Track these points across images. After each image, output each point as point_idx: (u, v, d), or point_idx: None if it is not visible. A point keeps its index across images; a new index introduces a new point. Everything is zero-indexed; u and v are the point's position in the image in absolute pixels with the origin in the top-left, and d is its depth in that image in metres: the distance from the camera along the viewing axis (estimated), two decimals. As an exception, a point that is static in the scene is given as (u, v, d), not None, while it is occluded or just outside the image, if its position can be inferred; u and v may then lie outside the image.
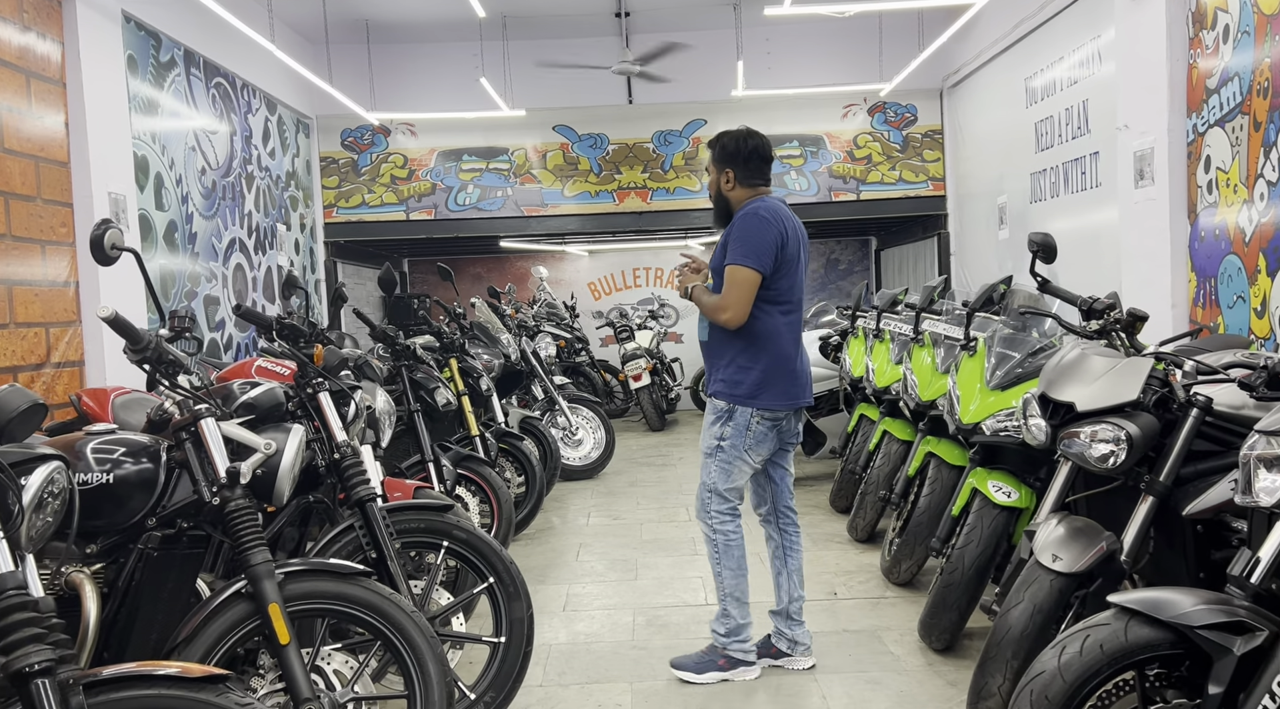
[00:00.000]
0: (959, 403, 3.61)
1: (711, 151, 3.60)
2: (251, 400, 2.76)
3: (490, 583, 3.12)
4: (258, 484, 2.56)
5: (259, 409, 2.76)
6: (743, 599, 3.62)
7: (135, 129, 5.65)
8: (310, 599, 2.49)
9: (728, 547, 3.64)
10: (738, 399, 3.51)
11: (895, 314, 5.50)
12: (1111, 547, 2.63)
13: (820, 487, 6.75)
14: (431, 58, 9.08)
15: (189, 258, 6.30)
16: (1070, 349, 2.83)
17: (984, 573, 3.39)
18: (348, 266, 9.74)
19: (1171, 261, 5.12)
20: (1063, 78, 6.59)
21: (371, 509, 3.02)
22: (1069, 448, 2.71)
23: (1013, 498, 3.41)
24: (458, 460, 4.84)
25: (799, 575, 3.73)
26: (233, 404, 2.80)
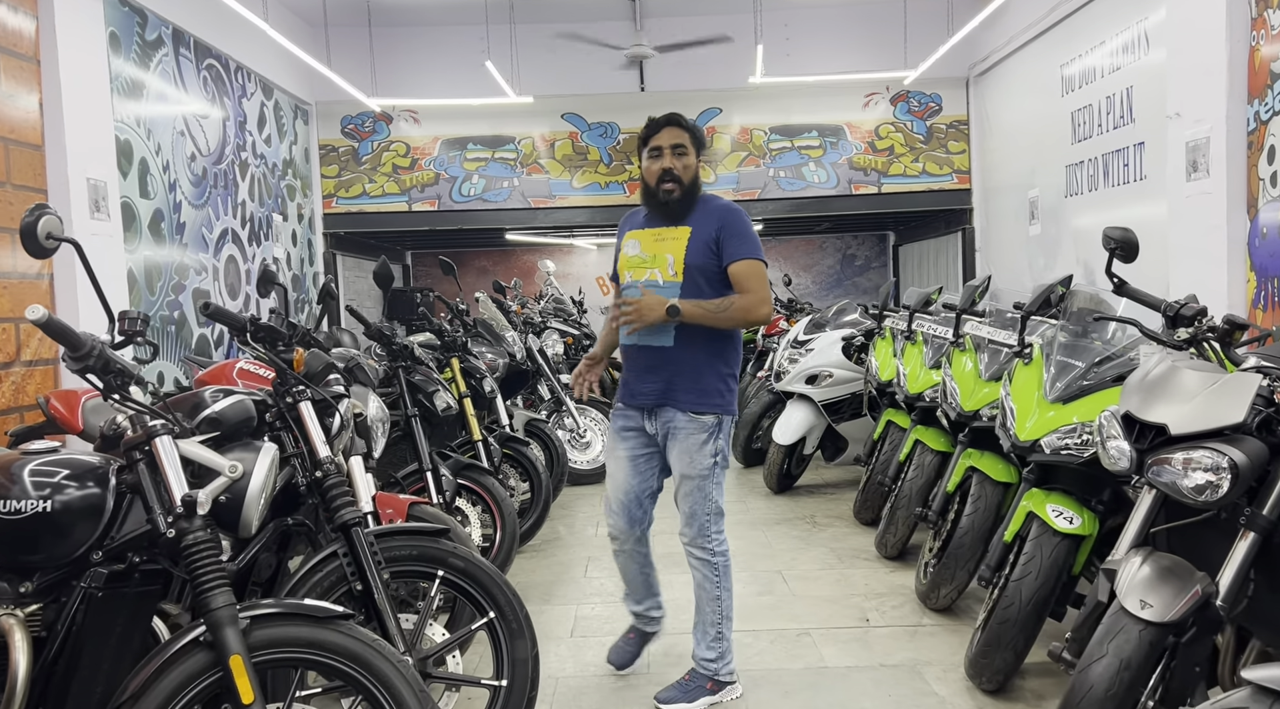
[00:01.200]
0: (1014, 417, 3.24)
1: (690, 134, 3.23)
2: (216, 415, 2.40)
3: (491, 618, 2.77)
4: (222, 512, 2.22)
5: (225, 424, 2.40)
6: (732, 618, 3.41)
7: (118, 112, 5.30)
8: (281, 647, 2.14)
9: (728, 566, 3.40)
10: (727, 410, 3.29)
11: (929, 314, 5.14)
12: (1207, 590, 2.27)
13: (842, 495, 6.40)
14: (436, 42, 8.72)
15: (177, 249, 5.95)
16: (1157, 362, 2.47)
17: (1043, 607, 3.03)
18: (348, 259, 9.39)
19: (1228, 260, 4.74)
20: (1103, 64, 6.21)
21: (357, 535, 2.68)
22: (1158, 477, 2.35)
23: (1075, 524, 3.05)
24: (458, 469, 4.49)
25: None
26: (196, 418, 2.44)
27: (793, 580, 4.57)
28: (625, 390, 3.38)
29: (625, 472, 3.38)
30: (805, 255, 11.80)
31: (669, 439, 3.28)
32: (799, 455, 6.51)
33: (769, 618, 4.06)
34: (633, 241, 3.30)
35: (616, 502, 3.44)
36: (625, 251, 3.32)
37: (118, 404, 2.19)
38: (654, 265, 3.22)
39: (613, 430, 3.45)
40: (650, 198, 3.26)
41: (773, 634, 3.87)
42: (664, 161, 3.17)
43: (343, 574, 2.68)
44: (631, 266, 3.27)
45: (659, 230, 3.25)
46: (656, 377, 3.24)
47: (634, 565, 3.53)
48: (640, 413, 3.33)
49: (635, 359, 3.32)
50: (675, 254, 3.20)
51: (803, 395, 6.30)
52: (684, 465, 3.25)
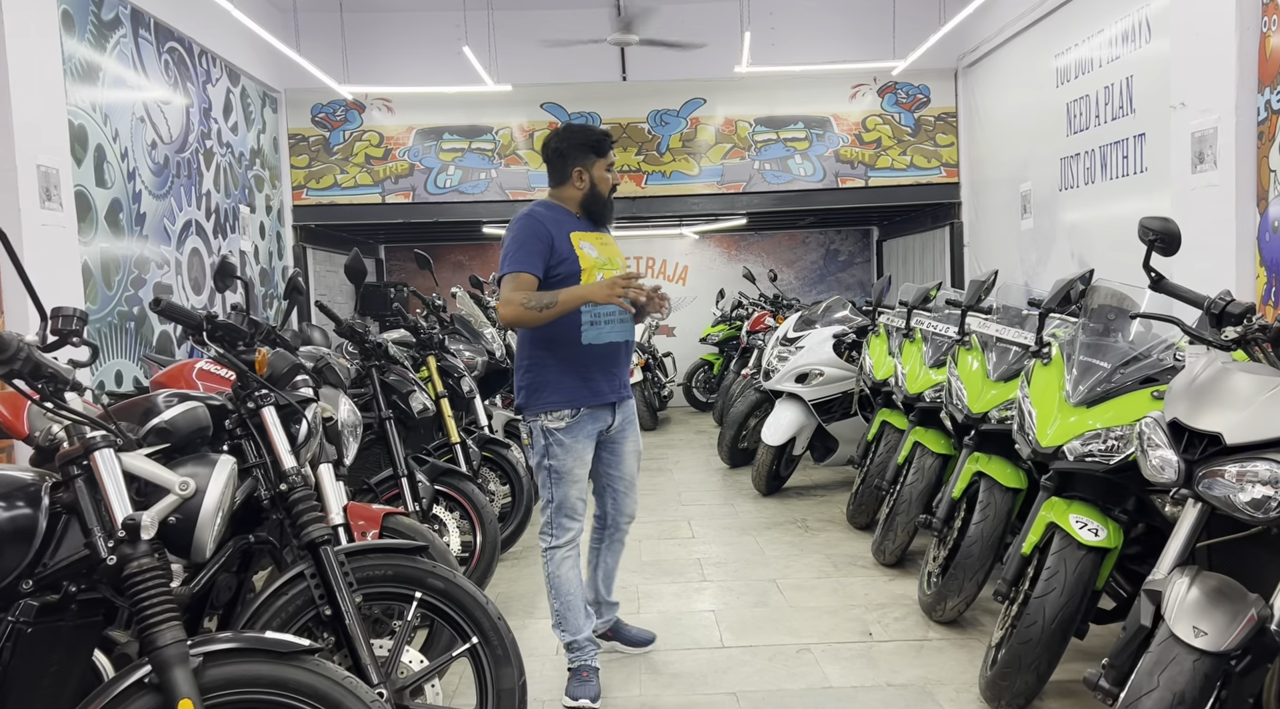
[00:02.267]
0: (1034, 421, 3.04)
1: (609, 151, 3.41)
2: (165, 424, 2.14)
3: (474, 644, 2.53)
4: (172, 534, 1.97)
5: (176, 435, 2.15)
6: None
7: (71, 96, 4.99)
8: (238, 687, 1.90)
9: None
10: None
11: (928, 311, 4.94)
12: (1262, 615, 2.08)
13: (834, 498, 6.20)
14: (410, 27, 8.42)
15: (136, 241, 5.65)
16: (1206, 365, 2.27)
17: (1068, 627, 2.83)
18: (319, 253, 9.08)
19: (1236, 255, 4.58)
20: (1101, 53, 6.04)
21: (326, 554, 2.43)
22: (1210, 490, 2.15)
23: (1100, 536, 2.85)
24: (435, 475, 4.24)
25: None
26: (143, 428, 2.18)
27: (788, 590, 4.36)
28: (610, 389, 3.33)
29: (588, 468, 3.40)
30: (789, 250, 11.62)
31: (628, 427, 3.47)
32: (788, 456, 6.31)
33: (766, 632, 3.85)
34: (588, 243, 3.33)
35: (580, 503, 3.36)
36: (587, 252, 3.30)
37: (52, 413, 1.93)
38: (616, 267, 3.35)
39: (580, 436, 3.29)
40: (600, 204, 3.38)
41: (771, 650, 3.65)
42: (614, 177, 3.41)
43: (310, 598, 2.43)
44: (600, 268, 3.29)
45: (599, 235, 3.41)
46: (627, 370, 3.43)
47: (576, 572, 3.41)
48: (610, 408, 3.36)
49: (620, 356, 3.37)
50: (621, 259, 3.44)
51: (792, 394, 6.10)
52: (639, 443, 3.54)
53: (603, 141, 3.35)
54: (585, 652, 3.35)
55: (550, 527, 3.36)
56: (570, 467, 3.29)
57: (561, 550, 3.35)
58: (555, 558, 3.35)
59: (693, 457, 7.93)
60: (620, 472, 3.48)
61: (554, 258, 3.20)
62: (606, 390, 3.30)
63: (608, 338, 3.27)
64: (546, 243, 3.20)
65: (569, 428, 3.26)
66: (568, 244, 3.23)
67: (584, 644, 3.36)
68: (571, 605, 3.35)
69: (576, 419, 3.26)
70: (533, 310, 3.09)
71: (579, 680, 3.30)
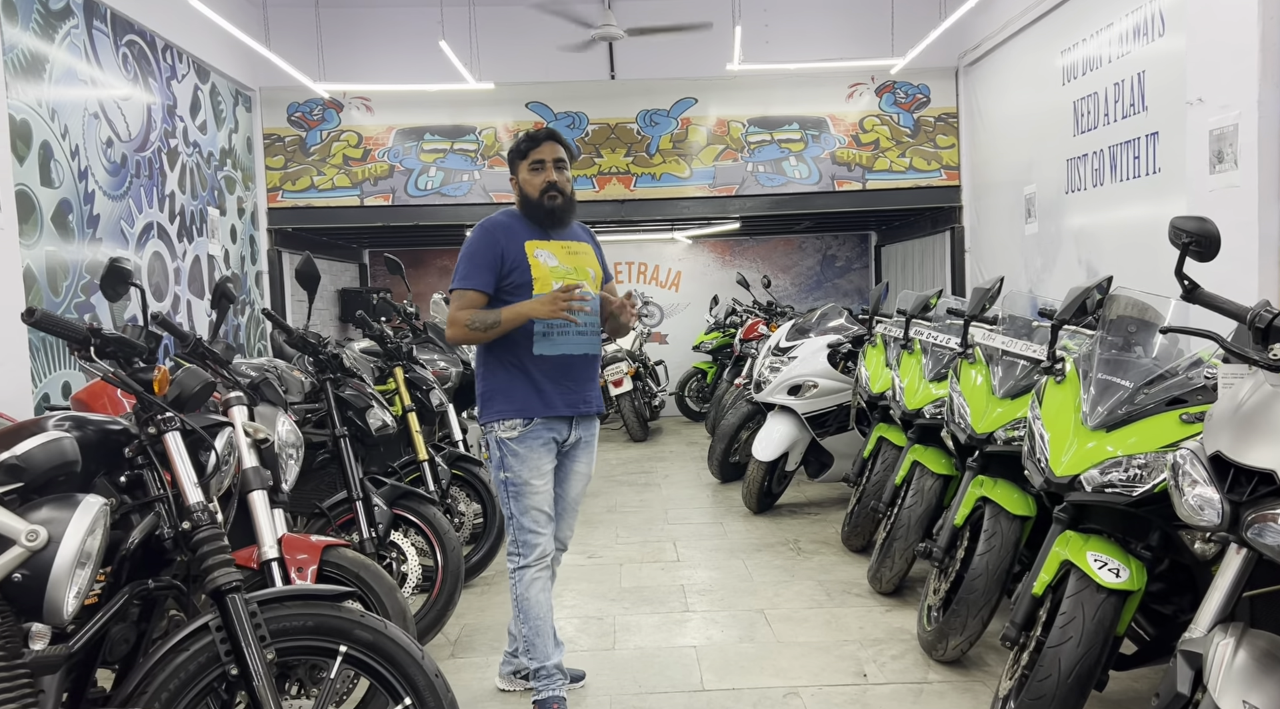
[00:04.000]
0: (1046, 446, 2.71)
1: (567, 151, 3.28)
2: (17, 460, 1.81)
3: (406, 705, 2.20)
4: (18, 593, 1.64)
5: (30, 473, 1.81)
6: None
7: (12, 89, 4.67)
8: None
9: None
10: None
11: (928, 320, 4.63)
12: (1322, 684, 1.76)
13: (828, 517, 5.87)
14: (388, 23, 8.10)
15: (88, 244, 5.32)
16: (1254, 388, 1.94)
17: (1087, 680, 2.50)
18: (295, 256, 8.74)
19: (1259, 259, 4.26)
20: (1110, 49, 5.72)
21: (235, 603, 2.11)
22: (1260, 536, 1.83)
23: (1122, 578, 2.53)
24: (394, 498, 3.91)
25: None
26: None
27: (776, 622, 4.03)
28: (563, 401, 3.17)
29: (550, 482, 3.22)
30: (784, 256, 11.29)
31: (585, 447, 3.31)
32: (780, 472, 5.98)
33: (751, 673, 3.51)
34: (546, 252, 3.19)
35: (544, 516, 3.19)
36: (543, 261, 3.16)
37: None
38: (579, 277, 3.20)
39: (535, 445, 3.15)
40: (535, 209, 3.20)
41: (756, 694, 3.32)
42: (547, 174, 3.18)
43: (216, 653, 2.11)
44: (559, 277, 3.16)
45: (566, 243, 3.25)
46: (591, 383, 3.27)
47: (547, 597, 3.20)
48: (569, 422, 3.22)
49: (578, 368, 3.21)
50: (595, 268, 3.29)
51: (785, 407, 5.78)
52: (590, 466, 3.37)
53: (524, 143, 3.22)
54: (553, 680, 3.15)
55: (515, 544, 3.20)
56: (526, 477, 3.14)
57: (531, 570, 3.17)
58: (524, 579, 3.17)
59: (683, 470, 7.59)
60: (562, 491, 3.29)
61: (505, 267, 3.12)
62: (559, 403, 3.16)
63: (561, 349, 3.14)
64: (496, 254, 3.12)
65: (521, 437, 3.13)
66: (520, 253, 3.13)
67: (552, 672, 3.15)
68: (540, 631, 3.16)
69: (529, 428, 3.14)
70: (477, 331, 3.08)
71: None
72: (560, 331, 3.12)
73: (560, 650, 3.22)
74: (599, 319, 3.21)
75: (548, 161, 3.17)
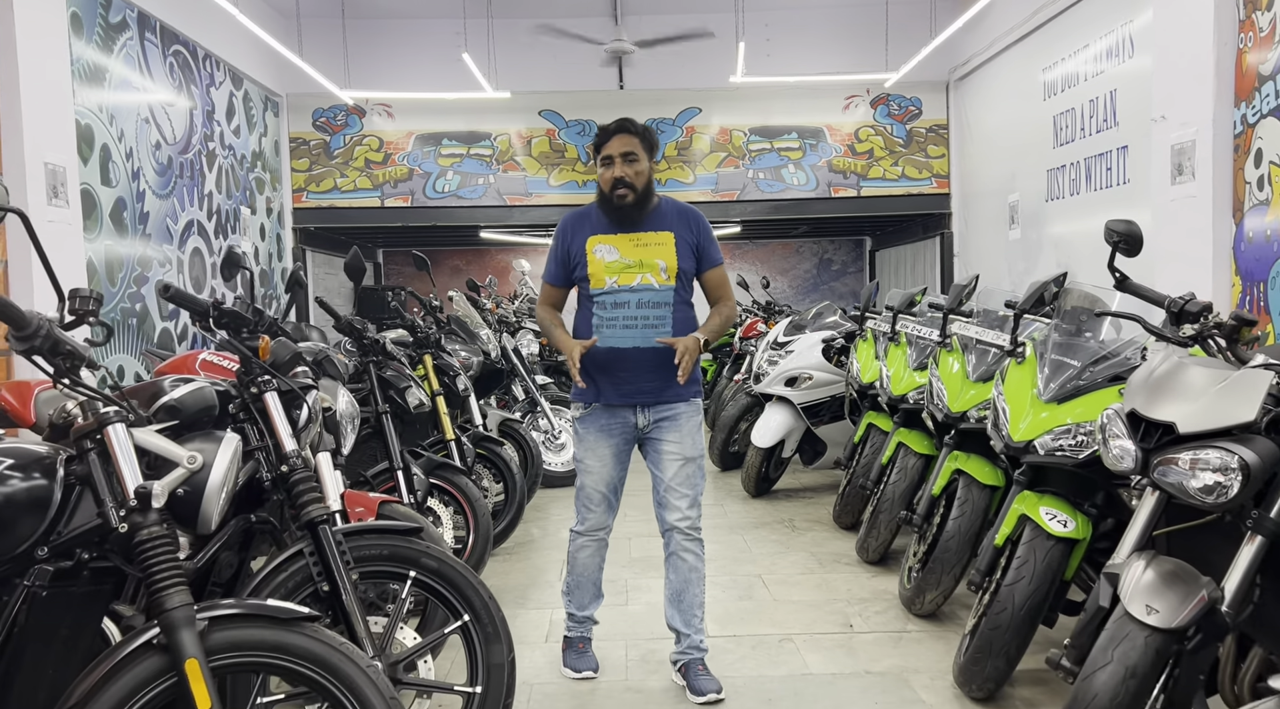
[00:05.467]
0: (1007, 417, 3.16)
1: (640, 139, 3.30)
2: (174, 402, 2.25)
3: (465, 621, 2.64)
4: (179, 506, 2.07)
5: (184, 413, 2.25)
6: None
7: (78, 96, 5.11)
8: (241, 650, 2.00)
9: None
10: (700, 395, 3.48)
11: (913, 315, 5.06)
12: (1213, 596, 2.19)
13: (821, 500, 6.31)
14: (411, 34, 8.56)
15: (140, 240, 5.76)
16: (1162, 358, 2.39)
17: (1036, 614, 2.95)
18: (318, 255, 9.19)
19: (1213, 265, 4.70)
20: (1087, 68, 6.18)
21: (324, 532, 2.53)
22: (1164, 477, 2.27)
23: (1069, 528, 2.97)
24: (430, 468, 4.35)
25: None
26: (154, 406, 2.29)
27: (773, 585, 4.47)
28: (616, 391, 3.31)
29: (610, 465, 3.38)
30: (782, 259, 11.74)
31: (665, 429, 3.33)
32: (777, 459, 6.42)
33: (750, 623, 3.95)
34: (606, 247, 3.29)
35: (598, 495, 3.41)
36: (600, 256, 3.29)
37: (67, 389, 2.04)
38: (643, 270, 3.26)
39: (592, 429, 3.38)
40: (606, 205, 3.31)
41: (754, 640, 3.76)
42: (615, 170, 3.23)
43: (309, 574, 2.53)
44: (614, 272, 3.27)
45: (635, 235, 3.29)
46: (657, 374, 3.28)
47: (596, 561, 3.52)
48: (631, 409, 3.33)
49: (630, 360, 3.28)
50: (666, 259, 3.28)
51: (782, 398, 6.21)
52: (687, 448, 3.33)
53: (597, 137, 3.32)
54: (584, 626, 3.53)
55: (576, 510, 3.49)
56: (582, 456, 3.40)
57: (582, 537, 3.47)
58: (576, 542, 3.49)
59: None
60: (658, 472, 3.37)
61: (570, 261, 3.35)
62: (612, 393, 3.30)
63: (610, 343, 3.26)
64: (564, 249, 3.36)
65: (583, 419, 3.38)
66: (581, 249, 3.31)
67: (583, 620, 3.53)
68: (581, 584, 3.50)
69: (589, 412, 3.36)
70: (543, 328, 3.46)
71: (576, 653, 3.47)
72: (609, 325, 3.25)
73: (597, 604, 3.56)
74: (665, 310, 3.26)
75: (615, 157, 3.23)
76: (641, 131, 3.30)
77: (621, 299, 3.26)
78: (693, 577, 3.39)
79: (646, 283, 3.26)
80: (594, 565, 3.50)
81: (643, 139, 3.28)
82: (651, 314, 3.26)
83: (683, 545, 3.40)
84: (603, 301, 3.28)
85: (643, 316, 3.26)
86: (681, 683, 3.32)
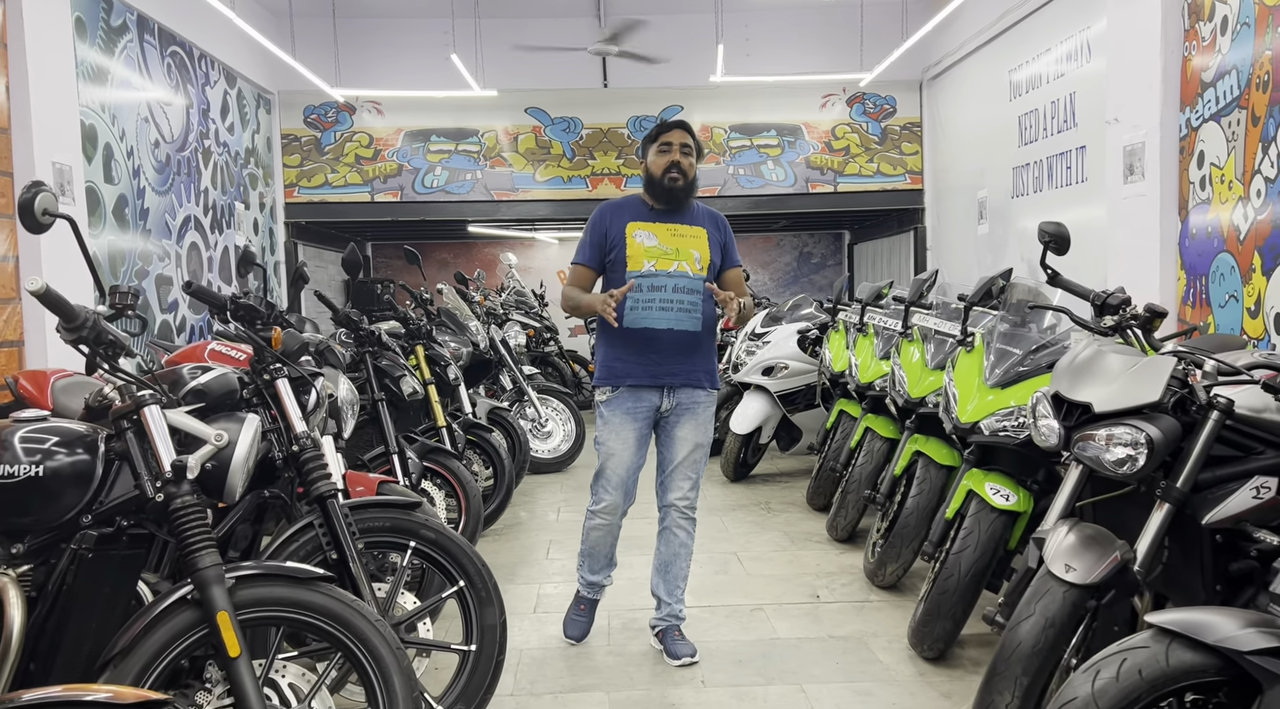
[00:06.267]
0: (956, 401, 3.44)
1: (695, 141, 3.55)
2: (201, 387, 2.51)
3: (461, 586, 2.90)
4: (207, 479, 2.32)
5: (210, 396, 2.51)
6: None
7: (83, 97, 5.33)
8: (264, 606, 2.26)
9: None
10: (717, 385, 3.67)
11: (880, 308, 5.35)
12: (1125, 556, 2.48)
13: (796, 483, 6.60)
14: (400, 34, 8.77)
15: (140, 235, 5.98)
16: (1084, 347, 2.67)
17: (980, 579, 3.24)
18: (309, 249, 9.41)
19: (1160, 259, 5.01)
20: (1048, 70, 6.47)
21: (333, 506, 2.79)
22: (1083, 451, 2.56)
23: (1011, 501, 3.26)
24: (423, 453, 4.60)
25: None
26: (181, 390, 2.55)
27: (747, 561, 4.75)
28: (646, 373, 3.48)
29: (632, 450, 3.55)
30: (763, 252, 12.03)
31: (683, 414, 3.54)
32: (755, 445, 6.70)
33: (724, 595, 4.24)
34: (645, 233, 3.49)
35: (617, 478, 3.58)
36: (639, 241, 3.49)
37: (107, 374, 2.29)
38: (679, 258, 3.47)
39: (619, 412, 3.53)
40: (656, 188, 3.50)
41: (728, 610, 4.04)
42: (673, 155, 3.46)
43: (318, 544, 2.79)
44: (653, 256, 3.46)
45: (673, 226, 3.52)
46: (686, 358, 3.49)
47: (609, 538, 3.75)
48: (659, 391, 3.51)
49: (663, 341, 3.46)
50: (700, 251, 3.51)
51: (759, 387, 6.49)
52: (699, 435, 3.56)
53: (656, 129, 3.53)
54: (592, 589, 3.81)
55: (592, 491, 3.69)
56: (605, 438, 3.56)
57: (596, 517, 3.68)
58: (591, 521, 3.71)
59: (666, 447, 8.29)
60: (668, 454, 3.57)
61: (607, 245, 3.52)
62: (641, 373, 3.47)
63: (644, 323, 3.43)
64: (602, 233, 3.53)
65: (608, 402, 3.55)
66: (621, 233, 3.49)
67: (593, 583, 3.80)
68: (593, 554, 3.77)
69: (615, 395, 3.53)
70: (570, 304, 3.54)
71: (576, 613, 3.81)
72: (644, 306, 3.42)
73: (609, 571, 3.81)
74: (697, 297, 3.45)
75: (675, 144, 3.45)
76: (696, 137, 3.56)
77: (659, 282, 3.44)
78: (681, 552, 3.66)
79: (682, 270, 3.46)
80: (606, 542, 3.74)
81: (696, 140, 3.54)
82: (686, 299, 3.44)
83: (678, 522, 3.65)
84: (640, 284, 3.44)
85: (678, 301, 3.44)
86: (659, 647, 3.60)
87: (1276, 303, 4.20)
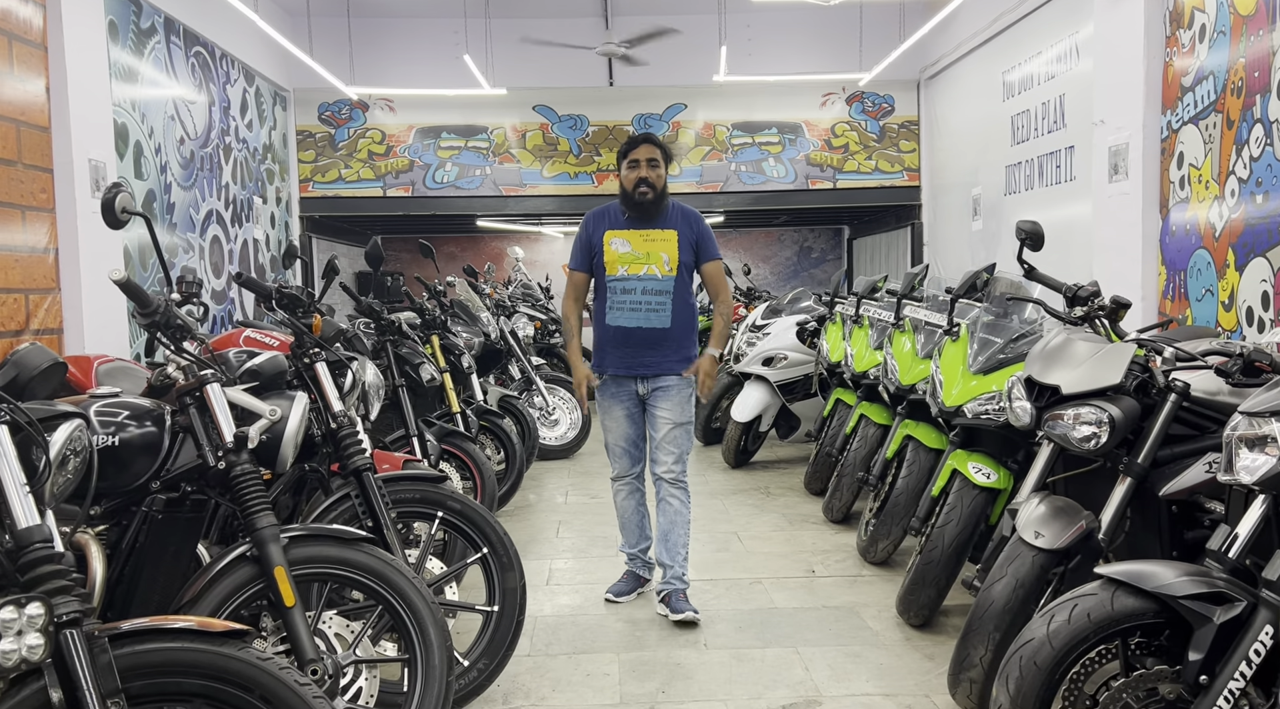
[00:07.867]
0: (942, 387, 3.70)
1: (661, 150, 3.93)
2: (256, 367, 2.77)
3: (484, 553, 3.16)
4: (260, 450, 2.58)
5: (263, 376, 2.77)
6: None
7: (116, 96, 5.58)
8: (313, 563, 2.53)
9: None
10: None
11: (875, 300, 5.60)
12: (1090, 525, 2.74)
13: (794, 469, 6.86)
14: (413, 33, 9.02)
15: (166, 229, 6.24)
16: (1055, 335, 2.93)
17: (963, 551, 3.50)
18: (322, 242, 9.67)
19: (1143, 255, 5.26)
20: (1040, 72, 6.72)
21: (368, 478, 3.05)
22: (1053, 429, 2.81)
23: (991, 479, 3.51)
24: (441, 435, 4.86)
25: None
26: (235, 371, 2.81)
27: (747, 540, 5.02)
28: (622, 364, 3.97)
29: (624, 423, 4.05)
30: (764, 247, 12.28)
31: (659, 398, 3.96)
32: (755, 433, 6.96)
33: (725, 570, 4.50)
34: (620, 240, 3.93)
35: (619, 448, 4.09)
36: (614, 248, 3.93)
37: (171, 355, 2.55)
38: (649, 262, 3.90)
39: (605, 397, 4.06)
40: (628, 201, 3.91)
41: (728, 583, 4.31)
42: (640, 172, 3.86)
43: (354, 513, 3.05)
44: (625, 262, 3.90)
45: (645, 231, 3.93)
46: (656, 351, 3.93)
47: (632, 503, 4.14)
48: (634, 379, 3.98)
49: (635, 338, 3.93)
50: (669, 253, 3.90)
51: (759, 376, 6.74)
52: (676, 415, 3.96)
53: (625, 146, 3.95)
54: (634, 562, 4.18)
55: (609, 461, 4.17)
56: (603, 416, 4.10)
57: (616, 483, 4.18)
58: (613, 488, 4.19)
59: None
60: (652, 432, 4.03)
61: (592, 250, 3.98)
62: (618, 364, 3.98)
63: (618, 322, 3.94)
64: (586, 239, 4.01)
65: (601, 387, 4.07)
66: (600, 241, 3.96)
67: (633, 555, 4.18)
68: (625, 524, 4.19)
69: (603, 382, 4.05)
70: (565, 335, 4.18)
71: (620, 580, 4.17)
72: (618, 307, 3.91)
73: (644, 543, 4.18)
74: (666, 297, 3.86)
75: (641, 161, 3.85)
76: (662, 145, 3.93)
77: (630, 285, 3.90)
78: (678, 520, 4.00)
79: (651, 273, 3.88)
80: (631, 506, 4.14)
81: (663, 151, 3.92)
82: (654, 300, 3.88)
83: (670, 492, 4.02)
84: (614, 287, 3.92)
85: (646, 302, 3.89)
86: (664, 611, 3.87)
87: (1249, 297, 4.45)
